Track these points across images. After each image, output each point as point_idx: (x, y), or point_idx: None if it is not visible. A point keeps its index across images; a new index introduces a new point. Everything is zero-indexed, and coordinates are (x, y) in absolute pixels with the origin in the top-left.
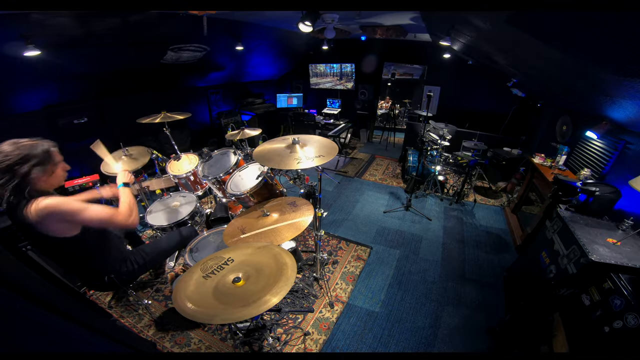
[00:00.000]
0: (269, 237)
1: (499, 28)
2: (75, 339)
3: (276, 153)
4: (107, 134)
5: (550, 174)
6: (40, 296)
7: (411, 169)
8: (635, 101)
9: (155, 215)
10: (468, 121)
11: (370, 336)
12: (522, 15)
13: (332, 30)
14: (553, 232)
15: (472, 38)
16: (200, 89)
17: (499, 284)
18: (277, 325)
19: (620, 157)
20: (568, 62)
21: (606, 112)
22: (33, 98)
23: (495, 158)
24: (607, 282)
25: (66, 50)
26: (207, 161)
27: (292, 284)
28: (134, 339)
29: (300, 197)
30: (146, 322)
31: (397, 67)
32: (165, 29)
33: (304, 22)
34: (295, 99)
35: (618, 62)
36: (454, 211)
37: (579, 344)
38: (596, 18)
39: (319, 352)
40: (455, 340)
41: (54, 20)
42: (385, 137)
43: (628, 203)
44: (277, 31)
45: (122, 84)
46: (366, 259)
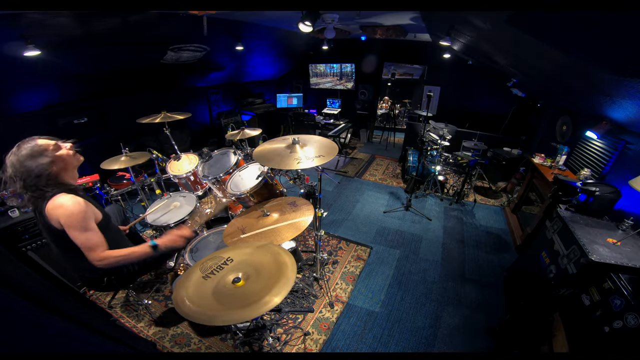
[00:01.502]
0: (269, 237)
1: (499, 28)
2: (75, 338)
3: (276, 153)
4: (107, 134)
5: (550, 174)
6: (40, 296)
7: (411, 169)
8: (635, 101)
9: (155, 215)
10: (468, 121)
11: (370, 336)
12: (522, 15)
13: (332, 30)
14: (553, 232)
15: (472, 38)
16: (200, 89)
17: (499, 284)
18: (277, 325)
19: (620, 157)
20: (568, 62)
21: (606, 112)
22: (33, 98)
23: (495, 158)
24: (607, 282)
25: (66, 50)
26: (207, 161)
27: (292, 284)
28: (134, 339)
29: (300, 197)
30: (146, 322)
31: (397, 67)
32: (165, 29)
33: (304, 22)
34: (295, 99)
35: (618, 62)
36: (454, 211)
37: (579, 344)
38: (596, 18)
39: (319, 352)
40: (455, 340)
41: (54, 20)
42: (385, 137)
43: (628, 203)
44: (277, 31)
45: (122, 84)
46: (366, 259)
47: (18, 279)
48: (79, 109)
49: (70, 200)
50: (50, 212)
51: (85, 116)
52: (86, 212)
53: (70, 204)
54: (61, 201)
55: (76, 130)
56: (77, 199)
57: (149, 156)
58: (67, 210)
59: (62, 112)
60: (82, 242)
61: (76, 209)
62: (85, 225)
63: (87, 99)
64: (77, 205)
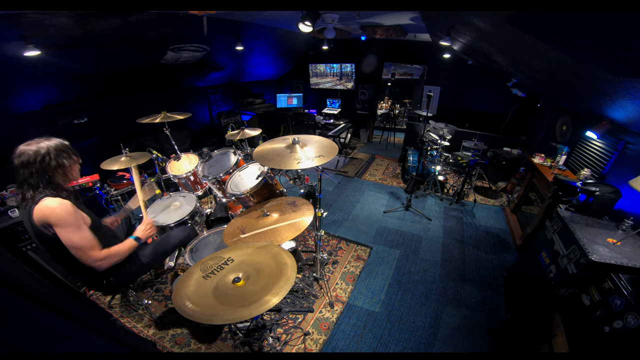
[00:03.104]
0: (269, 237)
1: (499, 28)
2: (75, 338)
3: (276, 153)
4: (107, 133)
5: (550, 174)
6: (40, 296)
7: (411, 169)
8: (635, 101)
9: (155, 215)
10: (468, 121)
11: (370, 336)
12: (522, 15)
13: (332, 30)
14: (553, 232)
15: (472, 38)
16: (200, 89)
17: (499, 284)
18: (277, 325)
19: (620, 157)
20: (568, 62)
21: (606, 112)
22: (33, 98)
23: (495, 158)
24: (607, 282)
25: (66, 50)
26: (207, 161)
27: (292, 284)
28: (134, 339)
29: (300, 197)
30: (146, 322)
31: (397, 67)
32: (165, 29)
33: (304, 22)
34: (295, 99)
35: (618, 62)
36: (454, 211)
37: (579, 344)
38: (596, 18)
39: (319, 352)
40: (455, 340)
41: (54, 20)
42: (385, 137)
43: (628, 203)
44: (277, 31)
45: (122, 84)
46: (366, 259)
47: (18, 278)
48: (79, 109)
49: (56, 203)
50: (38, 215)
51: (85, 116)
52: (74, 213)
53: (57, 205)
54: (48, 204)
55: (76, 130)
56: (65, 202)
57: (149, 156)
58: (55, 211)
59: (62, 112)
60: (77, 243)
61: (65, 210)
62: (74, 227)
63: (87, 99)
64: (65, 207)
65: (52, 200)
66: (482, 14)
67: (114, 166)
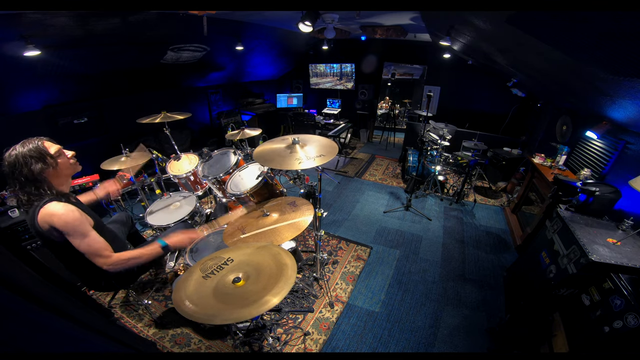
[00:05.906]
0: (269, 237)
1: (499, 28)
2: (75, 338)
3: (276, 153)
4: (107, 134)
5: (550, 174)
6: (40, 296)
7: (411, 169)
8: (635, 101)
9: (155, 215)
10: (468, 121)
11: (370, 336)
12: (522, 15)
13: (332, 30)
14: (553, 232)
15: (472, 38)
16: (200, 89)
17: (499, 284)
18: (277, 325)
19: (620, 157)
20: (568, 62)
21: (606, 112)
22: (33, 98)
23: (495, 158)
24: (607, 282)
25: (66, 50)
26: (207, 161)
27: (292, 284)
28: (134, 339)
29: (300, 197)
30: (146, 322)
31: (397, 67)
32: (165, 29)
33: (304, 22)
34: (295, 99)
35: (618, 62)
36: (454, 211)
37: (579, 344)
38: (596, 18)
39: (319, 352)
40: (455, 340)
41: (54, 20)
42: (385, 137)
43: (628, 203)
44: (277, 31)
45: (122, 84)
46: (366, 259)
47: (18, 278)
48: (79, 109)
49: (62, 208)
50: (42, 221)
51: (85, 116)
52: (80, 218)
53: (63, 211)
54: (53, 209)
55: (76, 130)
56: (69, 207)
57: (149, 156)
58: (60, 218)
59: (62, 112)
60: (85, 249)
61: (70, 217)
62: (84, 231)
63: (87, 99)
64: (71, 213)
65: (57, 206)
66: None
67: (114, 166)
